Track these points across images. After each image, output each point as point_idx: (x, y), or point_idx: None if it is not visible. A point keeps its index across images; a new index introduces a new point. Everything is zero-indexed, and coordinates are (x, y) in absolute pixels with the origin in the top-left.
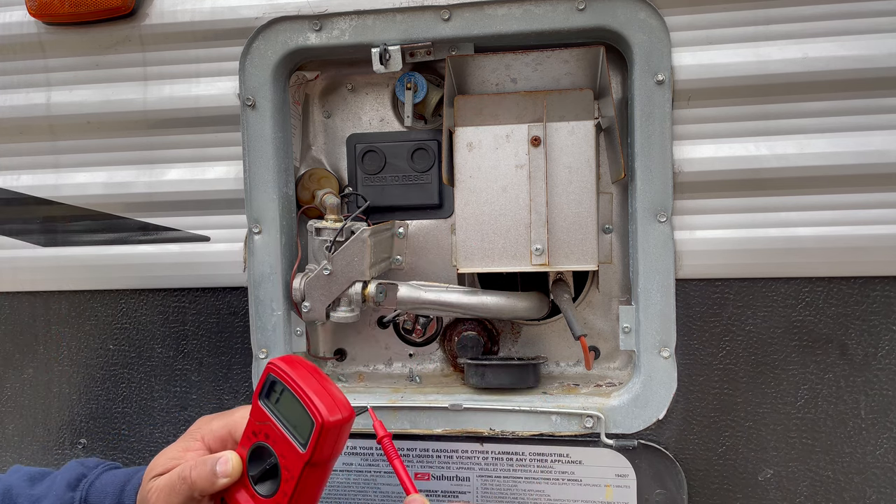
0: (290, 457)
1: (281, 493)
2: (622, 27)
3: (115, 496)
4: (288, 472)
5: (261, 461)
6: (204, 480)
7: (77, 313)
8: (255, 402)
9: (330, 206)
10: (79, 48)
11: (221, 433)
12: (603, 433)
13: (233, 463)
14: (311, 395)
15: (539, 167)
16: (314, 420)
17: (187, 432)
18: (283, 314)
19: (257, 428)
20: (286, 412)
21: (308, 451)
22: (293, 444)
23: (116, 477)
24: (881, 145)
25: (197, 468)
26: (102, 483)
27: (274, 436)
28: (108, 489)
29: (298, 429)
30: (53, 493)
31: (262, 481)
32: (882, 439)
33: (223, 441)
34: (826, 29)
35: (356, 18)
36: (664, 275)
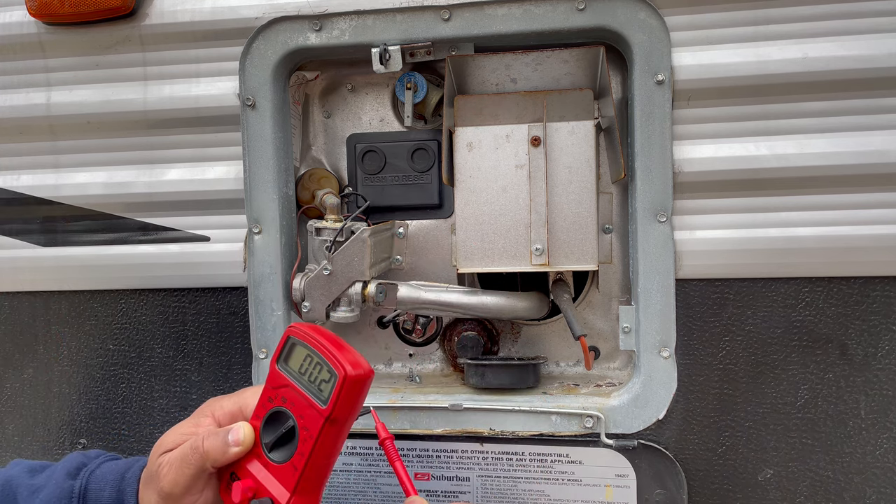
0: (309, 416)
1: (298, 455)
2: (622, 27)
3: (115, 483)
4: (307, 432)
5: (276, 427)
6: (216, 450)
7: (77, 313)
8: (272, 368)
9: (330, 206)
10: (79, 48)
11: (232, 410)
12: (603, 433)
13: (245, 432)
14: (334, 351)
15: (539, 167)
16: (337, 374)
17: (196, 411)
18: (283, 314)
19: (273, 394)
20: (307, 371)
21: (329, 406)
22: (313, 401)
23: (117, 466)
24: (881, 145)
25: (209, 439)
26: (103, 472)
27: (292, 397)
28: (108, 477)
29: (319, 386)
30: (53, 482)
31: (276, 448)
32: (882, 439)
33: (234, 417)
34: (826, 29)
35: (356, 18)
36: (664, 275)
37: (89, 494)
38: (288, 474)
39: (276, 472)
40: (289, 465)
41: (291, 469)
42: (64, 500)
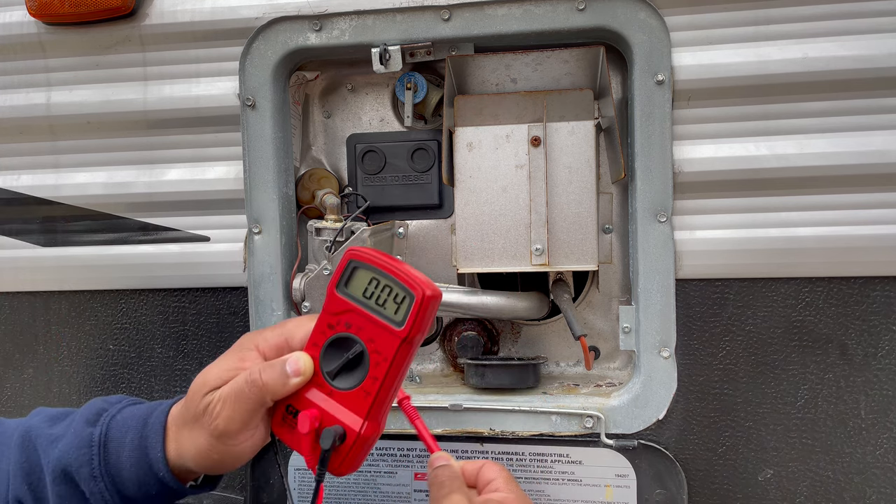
0: (381, 339)
1: (371, 379)
2: (622, 27)
3: (137, 429)
4: (379, 355)
5: (340, 353)
6: (276, 382)
7: (77, 313)
8: (331, 294)
9: (330, 206)
10: (79, 48)
11: (277, 341)
12: (603, 433)
13: (304, 361)
14: (408, 270)
15: (539, 167)
16: (414, 294)
17: (235, 345)
18: (283, 314)
19: (333, 320)
20: (374, 295)
21: (407, 327)
22: (386, 324)
23: (139, 410)
24: (881, 145)
25: (266, 371)
26: (124, 417)
27: (359, 322)
28: (129, 423)
29: (391, 308)
30: (72, 430)
31: (340, 376)
32: (882, 439)
33: (279, 349)
34: (826, 29)
35: (356, 18)
36: (664, 275)
37: (110, 442)
38: (358, 400)
39: (344, 400)
40: (359, 390)
41: (362, 394)
42: (84, 448)
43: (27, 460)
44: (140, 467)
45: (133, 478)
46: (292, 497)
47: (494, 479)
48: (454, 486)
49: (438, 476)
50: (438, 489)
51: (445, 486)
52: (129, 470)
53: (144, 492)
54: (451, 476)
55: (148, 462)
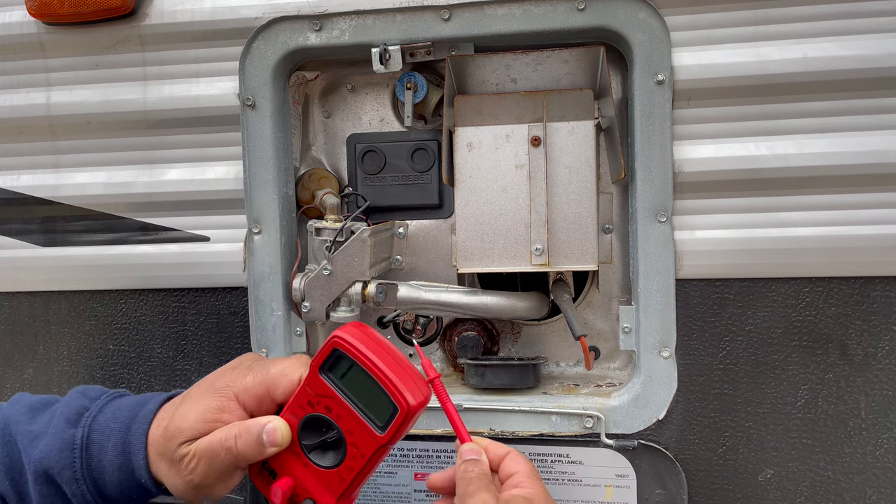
0: (360, 436)
1: (346, 468)
2: (622, 27)
3: (120, 434)
4: (357, 450)
5: (318, 432)
6: (251, 449)
7: (77, 313)
8: (313, 374)
9: (330, 206)
10: (79, 48)
11: (258, 391)
12: (603, 433)
13: (281, 432)
14: (392, 377)
15: (539, 167)
16: (398, 406)
17: (215, 387)
18: (283, 314)
19: (314, 399)
20: (357, 391)
21: (388, 436)
22: (367, 424)
23: (120, 413)
24: (881, 145)
25: (242, 437)
26: (105, 419)
27: (339, 411)
28: (112, 426)
29: (373, 410)
30: (52, 430)
31: (318, 452)
32: (882, 439)
33: (260, 400)
34: (826, 29)
35: (356, 18)
36: (664, 275)
37: (92, 445)
38: (333, 481)
39: (319, 476)
40: (334, 473)
41: (337, 478)
42: (66, 451)
43: (8, 456)
44: (122, 472)
45: (115, 481)
46: None
47: (517, 472)
48: (481, 484)
49: (468, 472)
50: (466, 485)
51: (473, 483)
52: (112, 474)
53: (126, 494)
54: (480, 474)
55: (131, 468)
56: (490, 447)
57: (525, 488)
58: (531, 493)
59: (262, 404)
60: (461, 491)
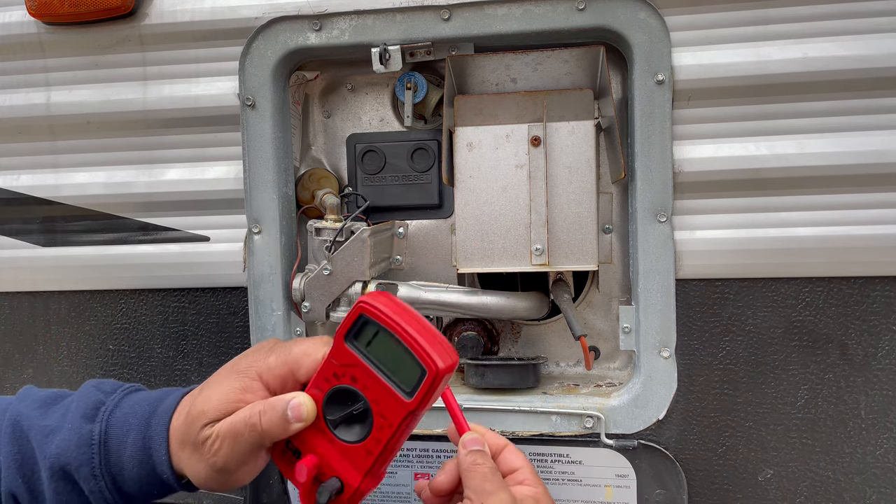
0: (387, 404)
1: (373, 440)
2: (622, 27)
3: (140, 429)
4: (384, 420)
5: (344, 405)
6: (276, 427)
7: (77, 313)
8: (339, 343)
9: (330, 206)
10: (79, 48)
11: (281, 371)
12: (603, 433)
13: (307, 407)
14: (420, 340)
15: (539, 167)
16: (426, 369)
17: (237, 368)
18: (282, 314)
19: (340, 370)
20: (384, 356)
21: (415, 401)
22: (394, 391)
23: (139, 407)
24: (881, 145)
25: (267, 414)
26: (123, 413)
27: (365, 380)
28: (130, 421)
29: (400, 375)
30: (68, 424)
31: (343, 426)
32: (882, 439)
33: (283, 380)
34: (826, 29)
35: (356, 18)
36: (664, 275)
37: (111, 440)
38: (359, 456)
39: (345, 452)
40: (360, 447)
41: (363, 452)
42: (84, 447)
43: (20, 452)
44: (143, 468)
45: (135, 477)
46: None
47: (521, 467)
48: (498, 483)
49: (479, 465)
50: (482, 481)
51: (489, 479)
52: (131, 470)
53: (146, 490)
54: (493, 469)
55: (151, 464)
56: (487, 436)
57: (531, 486)
58: (537, 493)
59: (285, 384)
60: (476, 485)
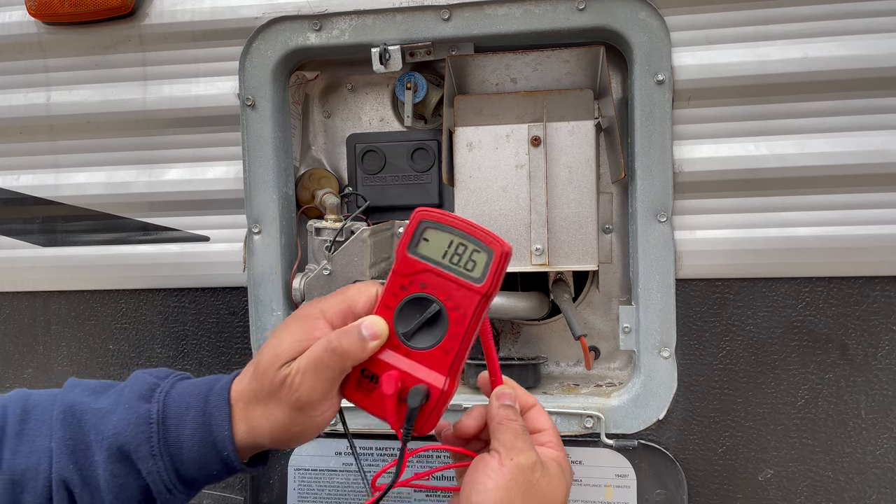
0: (460, 297)
1: (451, 337)
2: (622, 27)
3: (199, 406)
4: (458, 312)
5: (415, 314)
6: (355, 347)
7: (77, 313)
8: (403, 255)
9: (330, 206)
10: (79, 48)
11: (341, 308)
12: (603, 433)
13: (380, 325)
14: (481, 228)
15: (539, 167)
16: (493, 250)
17: (298, 316)
18: (282, 314)
19: (406, 281)
20: (448, 253)
21: (487, 283)
22: (465, 282)
23: (195, 387)
24: (881, 145)
25: (343, 337)
26: (180, 392)
27: (434, 282)
28: (188, 400)
29: (468, 265)
30: (124, 405)
31: (416, 336)
32: (882, 439)
33: (345, 316)
34: (826, 29)
35: (356, 18)
36: (664, 275)
37: (169, 418)
38: (438, 358)
39: (422, 359)
40: (438, 349)
41: (441, 353)
42: (143, 426)
43: (72, 437)
44: (203, 446)
45: (195, 457)
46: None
47: (546, 429)
48: (528, 441)
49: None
50: (514, 438)
51: (520, 437)
52: (191, 449)
53: (205, 471)
54: (524, 428)
55: (212, 440)
56: (519, 392)
57: (554, 450)
58: (559, 457)
59: (346, 320)
60: (508, 441)
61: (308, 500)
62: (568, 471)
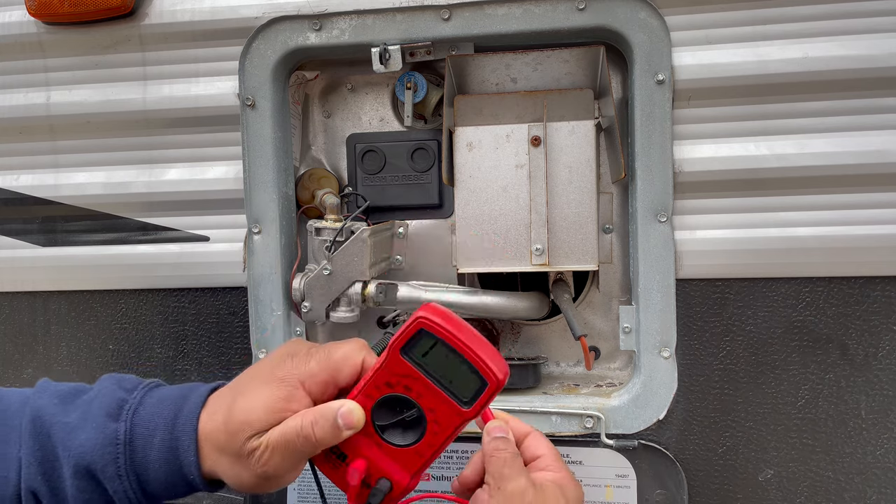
0: (443, 412)
1: (425, 444)
2: (622, 27)
3: (166, 430)
4: (438, 426)
5: (394, 412)
6: (327, 435)
7: (77, 313)
8: (394, 355)
9: (330, 206)
10: (78, 48)
11: (323, 377)
12: (603, 433)
13: (356, 415)
14: (481, 354)
15: (539, 167)
16: (487, 381)
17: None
18: (282, 314)
19: (394, 380)
20: (442, 368)
21: (474, 410)
22: (451, 401)
23: (164, 406)
24: (881, 145)
25: (319, 424)
26: (148, 412)
27: (420, 390)
28: (156, 421)
29: (458, 386)
30: (91, 423)
31: (391, 430)
32: (882, 439)
33: (325, 386)
34: (826, 29)
35: (356, 18)
36: (664, 275)
37: (136, 440)
38: (409, 458)
39: (393, 455)
40: (411, 450)
41: (414, 454)
42: (108, 447)
43: (41, 449)
44: (169, 469)
45: (160, 477)
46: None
47: (544, 454)
48: (517, 468)
49: (500, 451)
50: (501, 466)
51: (508, 464)
52: (157, 470)
53: (170, 491)
54: (515, 455)
55: (178, 465)
56: (512, 423)
57: (553, 472)
58: (560, 478)
59: (326, 390)
60: (496, 471)
61: (308, 500)
62: (571, 489)
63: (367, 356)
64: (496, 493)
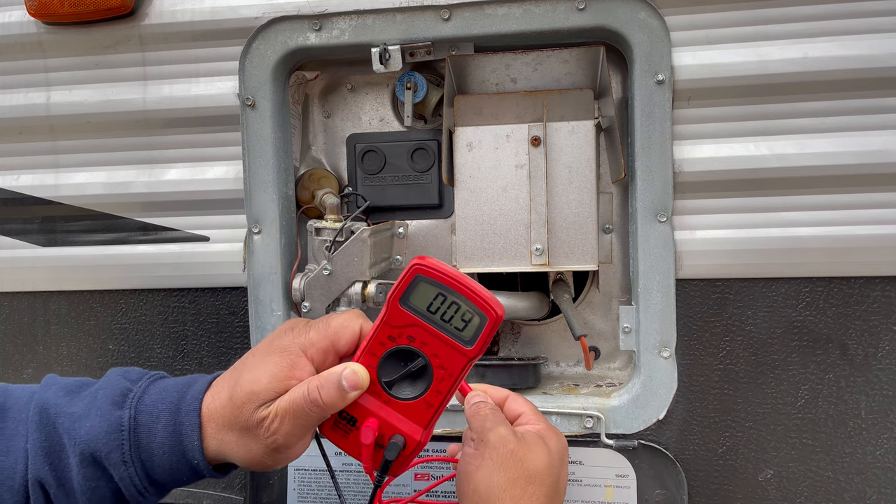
0: (447, 356)
1: (433, 392)
2: (622, 27)
3: (169, 416)
4: (444, 371)
5: (400, 365)
6: (335, 399)
7: (77, 313)
8: (394, 307)
9: (330, 206)
10: (78, 48)
11: (323, 345)
12: (603, 433)
13: (360, 375)
14: (479, 291)
15: (539, 167)
16: (487, 316)
17: (279, 345)
18: (282, 314)
19: (395, 332)
20: (442, 310)
21: (476, 347)
22: (454, 342)
23: (167, 393)
24: (881, 145)
25: (325, 388)
26: (152, 399)
27: (423, 337)
28: (159, 407)
29: (460, 327)
30: (96, 411)
31: (398, 385)
32: (882, 439)
33: (325, 353)
34: (826, 29)
35: (356, 18)
36: (664, 275)
37: (140, 426)
38: (419, 410)
39: (402, 409)
40: (420, 402)
41: (424, 405)
42: (113, 434)
43: (47, 439)
44: (174, 454)
45: (165, 464)
46: (341, 495)
47: (524, 412)
48: (497, 419)
49: (481, 409)
50: (482, 421)
51: (489, 418)
52: (161, 456)
53: (175, 477)
54: (494, 409)
55: (182, 450)
56: (490, 390)
57: (534, 425)
58: (541, 429)
59: (327, 357)
60: (478, 426)
61: (308, 500)
62: (553, 439)
63: (364, 323)
64: (480, 446)
